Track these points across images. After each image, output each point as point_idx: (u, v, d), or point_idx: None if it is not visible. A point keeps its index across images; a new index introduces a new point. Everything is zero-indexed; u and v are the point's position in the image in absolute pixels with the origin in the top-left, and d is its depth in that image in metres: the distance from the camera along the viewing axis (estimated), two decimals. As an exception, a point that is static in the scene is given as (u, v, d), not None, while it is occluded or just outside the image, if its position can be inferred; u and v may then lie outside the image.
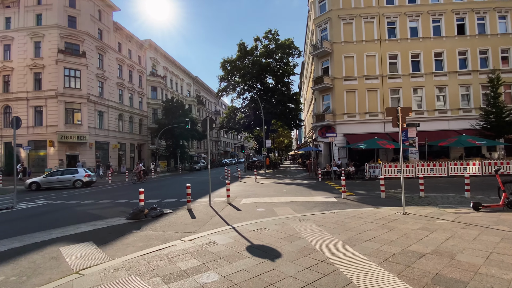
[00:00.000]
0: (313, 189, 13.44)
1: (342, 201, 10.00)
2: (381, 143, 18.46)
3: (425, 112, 25.10)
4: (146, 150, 38.35)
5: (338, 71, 25.36)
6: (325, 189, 13.48)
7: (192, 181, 19.18)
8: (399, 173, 17.08)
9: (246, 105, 33.08)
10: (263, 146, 27.81)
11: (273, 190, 13.50)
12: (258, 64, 30.33)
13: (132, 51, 37.24)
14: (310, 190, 13.27)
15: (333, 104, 25.47)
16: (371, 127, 24.86)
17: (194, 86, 58.04)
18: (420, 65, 25.43)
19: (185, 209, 9.15)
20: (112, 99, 32.19)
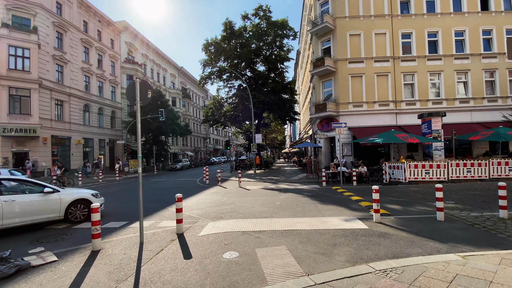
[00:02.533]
0: (320, 201, 9.16)
1: (378, 229, 5.74)
2: (401, 137, 14.35)
3: (443, 102, 21.19)
4: (119, 146, 33.47)
5: (342, 52, 21.17)
6: (337, 200, 9.21)
7: (157, 186, 14.69)
8: (427, 175, 13.01)
9: (233, 94, 28.57)
10: (253, 142, 23.45)
11: (261, 203, 9.17)
12: (247, 46, 25.88)
13: (103, 33, 32.25)
14: (316, 202, 8.98)
15: (336, 91, 21.28)
16: (381, 119, 20.81)
17: (179, 77, 53.17)
18: (438, 46, 21.48)
19: (84, 254, 4.74)
20: (75, 86, 27.25)
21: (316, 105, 21.50)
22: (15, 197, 6.03)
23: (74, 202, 6.88)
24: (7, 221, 5.76)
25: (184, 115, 50.06)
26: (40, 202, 6.34)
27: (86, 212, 7.02)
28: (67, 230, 6.39)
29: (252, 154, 25.08)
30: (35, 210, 6.22)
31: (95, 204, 4.86)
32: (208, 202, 9.45)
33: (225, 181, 17.19)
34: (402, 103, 21.11)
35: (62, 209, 6.64)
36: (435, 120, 15.67)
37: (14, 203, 5.92)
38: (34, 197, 6.32)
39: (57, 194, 6.62)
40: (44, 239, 5.71)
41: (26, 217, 6.08)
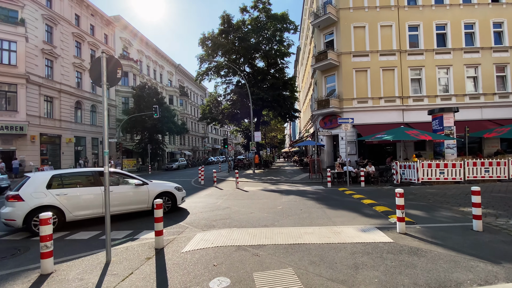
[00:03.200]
0: (328, 205, 8.04)
1: (406, 242, 4.64)
2: (412, 134, 13.25)
3: (453, 98, 20.14)
4: (114, 145, 32.26)
5: (345, 45, 20.06)
6: (347, 204, 8.10)
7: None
8: (442, 175, 11.91)
9: (232, 91, 27.40)
10: (251, 140, 22.32)
11: (260, 207, 8.05)
12: (246, 41, 24.72)
13: (96, 28, 31.05)
14: (324, 206, 7.86)
15: (340, 86, 20.18)
16: (387, 116, 19.73)
17: (177, 75, 51.97)
18: (446, 39, 20.42)
19: (29, 279, 3.61)
20: (66, 82, 26.06)
21: (319, 101, 20.39)
22: (113, 188, 6.53)
23: (160, 194, 7.23)
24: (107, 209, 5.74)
25: (181, 114, 48.88)
26: (132, 193, 6.86)
27: (170, 204, 7.43)
28: (24, 243, 5.24)
29: (251, 153, 23.95)
30: (129, 200, 6.78)
31: (45, 214, 3.72)
32: (200, 206, 8.31)
33: (221, 181, 16.06)
34: (409, 99, 20.03)
35: (150, 200, 7.04)
36: (447, 116, 14.58)
37: (112, 193, 6.25)
38: (128, 188, 6.87)
39: (146, 187, 7.06)
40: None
41: (121, 206, 6.68)
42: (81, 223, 6.43)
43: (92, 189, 6.30)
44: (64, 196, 5.91)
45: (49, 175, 6.07)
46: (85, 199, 6.17)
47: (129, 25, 36.54)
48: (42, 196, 5.71)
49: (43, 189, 5.77)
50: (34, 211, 5.54)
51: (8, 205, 5.64)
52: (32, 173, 6.56)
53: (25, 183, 5.79)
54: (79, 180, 6.55)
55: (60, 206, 5.81)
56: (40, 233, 3.67)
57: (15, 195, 5.56)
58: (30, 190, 5.68)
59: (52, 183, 5.97)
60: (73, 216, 5.98)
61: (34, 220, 5.54)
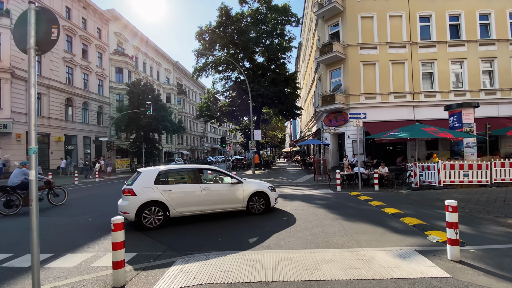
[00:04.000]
0: (344, 215, 6.66)
1: (469, 278, 3.29)
2: (431, 131, 11.87)
3: (467, 93, 18.77)
4: (105, 144, 30.82)
5: (352, 37, 18.68)
6: (367, 214, 6.72)
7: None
8: (466, 177, 10.53)
9: (230, 87, 26.00)
10: (251, 139, 20.95)
11: None
12: (245, 34, 23.35)
13: (88, 21, 29.63)
14: (338, 217, 6.48)
15: (346, 81, 18.80)
16: (397, 112, 18.36)
17: (175, 73, 50.56)
18: (460, 30, 19.04)
19: None
20: (55, 78, 24.65)
21: (323, 97, 19.00)
22: (210, 185, 6.48)
23: (254, 194, 6.85)
24: (205, 207, 6.28)
25: (179, 112, 47.49)
26: (228, 191, 6.60)
27: (264, 206, 6.92)
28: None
29: (251, 153, 22.58)
30: (225, 199, 6.54)
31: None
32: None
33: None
34: (421, 95, 18.66)
35: (244, 199, 6.73)
36: (466, 112, 13.23)
37: (210, 191, 6.34)
38: (224, 186, 6.65)
39: (241, 185, 6.73)
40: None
41: (218, 205, 6.47)
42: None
43: (192, 186, 6.29)
44: (169, 192, 5.99)
45: (157, 171, 6.19)
46: (187, 196, 6.17)
47: (124, 19, 35.14)
48: (150, 191, 5.86)
49: (151, 185, 5.92)
50: (144, 206, 5.71)
51: (124, 199, 5.89)
52: (143, 168, 6.58)
53: (137, 178, 5.97)
54: (181, 176, 6.68)
55: (166, 202, 5.89)
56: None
57: (129, 189, 5.77)
58: (141, 185, 5.86)
59: (159, 179, 6.08)
60: (176, 213, 6.02)
61: (145, 213, 5.70)
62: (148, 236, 5.35)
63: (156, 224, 5.80)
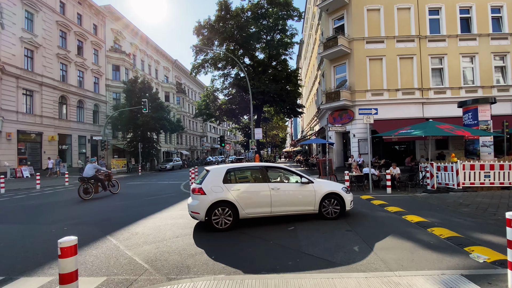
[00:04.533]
0: (360, 225, 5.73)
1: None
2: (446, 128, 10.95)
3: (479, 90, 17.84)
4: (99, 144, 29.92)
5: (358, 30, 17.77)
6: (387, 223, 5.79)
7: (126, 193, 11.24)
8: (487, 179, 9.60)
9: (230, 84, 25.09)
10: (251, 138, 20.04)
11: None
12: (246, 28, 22.47)
13: (84, 17, 28.74)
14: (354, 227, 5.55)
15: (351, 77, 17.88)
16: (405, 110, 17.44)
17: (174, 71, 49.65)
18: (471, 23, 18.12)
19: None
20: (48, 75, 23.74)
21: (327, 94, 18.08)
22: (280, 185, 5.98)
23: (327, 196, 6.13)
24: (274, 209, 5.78)
25: (178, 112, 46.60)
26: (298, 192, 6.04)
27: (339, 209, 6.13)
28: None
29: (251, 153, 21.66)
30: (294, 200, 6.00)
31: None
32: (179, 225, 5.99)
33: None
34: (430, 92, 17.73)
35: (316, 202, 6.07)
36: (483, 109, 12.29)
37: (279, 191, 5.86)
38: (294, 186, 6.09)
39: (311, 185, 6.09)
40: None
41: (287, 206, 5.93)
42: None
43: (261, 186, 5.84)
44: (238, 191, 5.65)
45: (225, 169, 5.90)
46: (255, 196, 5.75)
47: (121, 16, 34.24)
48: (219, 190, 5.58)
49: (220, 183, 5.65)
50: (213, 206, 5.44)
51: (194, 198, 5.65)
52: (211, 166, 6.28)
53: (206, 177, 5.72)
54: (249, 175, 6.32)
55: (235, 202, 5.54)
56: None
57: (199, 188, 5.55)
58: (210, 184, 5.61)
59: (227, 177, 5.78)
60: (245, 214, 5.63)
61: (214, 214, 5.42)
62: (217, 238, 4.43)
63: (226, 225, 5.42)
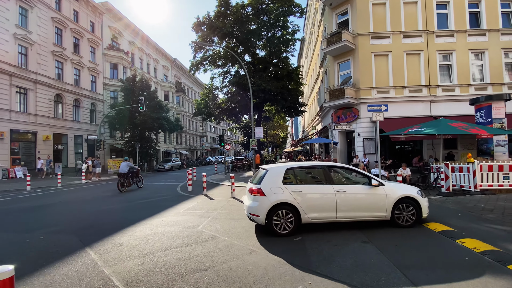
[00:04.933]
0: (377, 237, 5.02)
1: None
2: (460, 127, 10.25)
3: (488, 87, 17.12)
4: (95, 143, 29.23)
5: (363, 25, 17.07)
6: (410, 236, 5.06)
7: (119, 196, 10.56)
8: (506, 181, 8.90)
9: (229, 81, 24.39)
10: (252, 138, 19.36)
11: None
12: (246, 24, 21.79)
13: (81, 14, 28.08)
14: (372, 240, 4.83)
15: (356, 74, 17.18)
16: (412, 108, 16.74)
17: (173, 70, 48.99)
18: (481, 18, 17.40)
19: None
20: (42, 73, 23.09)
21: (331, 91, 17.38)
22: (345, 187, 5.35)
23: (400, 200, 5.40)
24: (340, 214, 5.19)
25: (177, 111, 45.95)
26: (367, 196, 5.38)
27: (414, 216, 5.38)
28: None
29: (251, 153, 20.97)
30: (362, 205, 5.34)
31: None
32: (170, 234, 5.28)
33: (215, 187, 13.08)
34: (438, 89, 17.03)
35: (388, 207, 5.34)
36: (497, 106, 11.63)
37: (345, 194, 5.24)
38: (361, 189, 5.44)
39: (382, 188, 5.40)
40: None
41: (355, 212, 5.28)
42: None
43: (324, 188, 5.31)
44: (299, 193, 5.16)
45: (284, 168, 5.44)
46: (319, 198, 5.25)
47: (119, 13, 33.58)
48: (279, 191, 5.15)
49: (279, 184, 5.22)
50: (274, 208, 5.03)
51: (252, 199, 5.27)
52: (269, 165, 5.86)
53: (264, 177, 5.31)
54: (310, 175, 5.87)
55: (296, 205, 5.08)
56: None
57: (257, 189, 5.17)
58: (269, 184, 5.20)
59: (286, 177, 5.35)
60: (308, 218, 5.15)
61: (274, 219, 5.01)
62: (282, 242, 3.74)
63: (287, 230, 5.00)
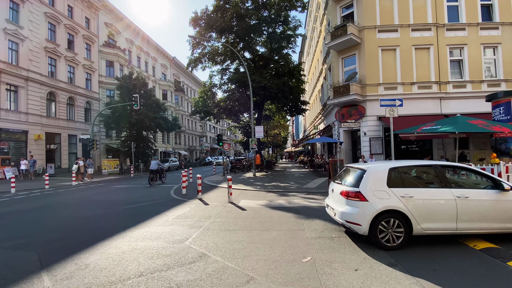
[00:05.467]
0: (407, 258, 4.09)
1: None
2: (481, 124, 9.32)
3: (502, 84, 16.19)
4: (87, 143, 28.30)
5: (369, 18, 16.15)
6: (449, 255, 4.13)
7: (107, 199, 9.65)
8: (535, 185, 7.95)
9: (229, 79, 23.47)
10: (252, 137, 18.45)
11: (266, 257, 4.10)
12: (246, 18, 20.89)
13: (75, 10, 27.20)
14: (400, 262, 3.90)
15: (362, 69, 16.26)
16: (421, 106, 15.81)
17: (172, 69, 48.09)
18: (493, 10, 16.48)
19: None
20: (35, 69, 22.20)
21: (335, 88, 16.46)
22: (468, 192, 4.35)
23: None
24: (461, 225, 4.27)
25: (176, 111, 45.08)
26: (496, 203, 4.31)
27: None
28: None
29: (251, 153, 20.06)
30: (491, 214, 4.30)
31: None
32: (151, 251, 4.32)
33: (212, 189, 12.16)
34: (448, 85, 16.09)
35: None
36: (516, 102, 10.65)
37: (468, 201, 4.27)
38: (489, 195, 4.36)
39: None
40: None
41: (481, 222, 4.29)
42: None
43: (441, 192, 4.39)
44: (409, 199, 4.29)
45: (386, 167, 4.63)
46: (434, 205, 4.32)
47: (115, 9, 32.69)
48: (385, 196, 4.32)
49: (384, 187, 4.39)
50: (378, 216, 4.23)
51: (350, 204, 4.44)
52: (363, 164, 5.13)
53: (364, 178, 4.48)
54: (421, 176, 4.86)
55: (407, 213, 4.23)
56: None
57: (356, 192, 4.39)
58: (371, 187, 4.39)
59: (391, 179, 4.48)
60: (421, 229, 4.28)
61: (380, 229, 4.20)
62: None
63: (396, 242, 4.20)
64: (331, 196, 5.12)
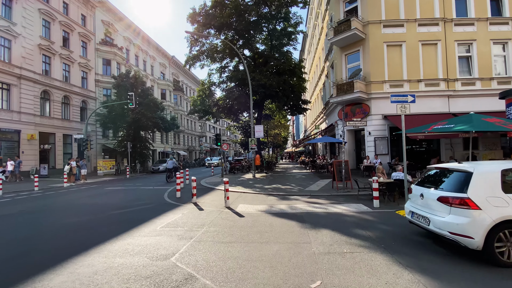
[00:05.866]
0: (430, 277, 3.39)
1: None
2: (498, 123, 8.65)
3: (512, 81, 15.48)
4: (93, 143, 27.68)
5: (374, 12, 15.47)
6: (483, 283, 3.41)
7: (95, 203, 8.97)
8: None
9: (228, 77, 22.79)
10: (251, 137, 17.77)
11: (267, 279, 3.40)
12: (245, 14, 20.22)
13: (71, 6, 26.53)
14: (425, 279, 3.21)
15: (366, 66, 15.58)
16: (428, 104, 15.10)
17: (171, 68, 47.42)
18: (503, 5, 15.83)
19: None
20: (27, 67, 21.53)
21: (339, 86, 15.78)
22: None
23: None
24: None
25: (175, 110, 44.40)
26: None
27: None
28: None
29: (251, 153, 19.38)
30: None
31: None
32: (129, 270, 3.63)
33: (208, 192, 11.47)
34: (457, 83, 15.42)
35: None
36: (531, 99, 9.98)
37: None
38: None
39: None
40: None
41: None
42: None
43: None
44: None
45: (498, 168, 3.83)
46: None
47: (113, 7, 32.01)
48: (502, 204, 3.55)
49: (499, 193, 3.62)
50: (495, 228, 3.51)
51: (457, 213, 3.68)
52: (459, 165, 4.33)
53: (471, 181, 3.68)
54: None
55: None
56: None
57: (463, 198, 3.65)
58: (484, 193, 3.63)
59: (505, 182, 3.72)
60: None
61: (497, 241, 3.50)
62: None
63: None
64: (416, 201, 4.46)
